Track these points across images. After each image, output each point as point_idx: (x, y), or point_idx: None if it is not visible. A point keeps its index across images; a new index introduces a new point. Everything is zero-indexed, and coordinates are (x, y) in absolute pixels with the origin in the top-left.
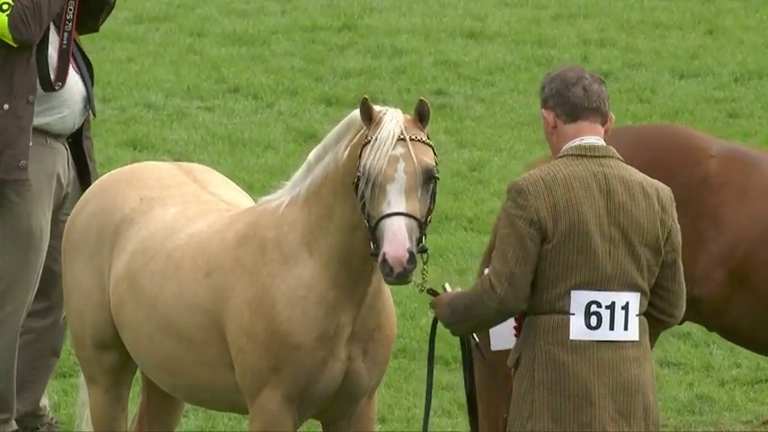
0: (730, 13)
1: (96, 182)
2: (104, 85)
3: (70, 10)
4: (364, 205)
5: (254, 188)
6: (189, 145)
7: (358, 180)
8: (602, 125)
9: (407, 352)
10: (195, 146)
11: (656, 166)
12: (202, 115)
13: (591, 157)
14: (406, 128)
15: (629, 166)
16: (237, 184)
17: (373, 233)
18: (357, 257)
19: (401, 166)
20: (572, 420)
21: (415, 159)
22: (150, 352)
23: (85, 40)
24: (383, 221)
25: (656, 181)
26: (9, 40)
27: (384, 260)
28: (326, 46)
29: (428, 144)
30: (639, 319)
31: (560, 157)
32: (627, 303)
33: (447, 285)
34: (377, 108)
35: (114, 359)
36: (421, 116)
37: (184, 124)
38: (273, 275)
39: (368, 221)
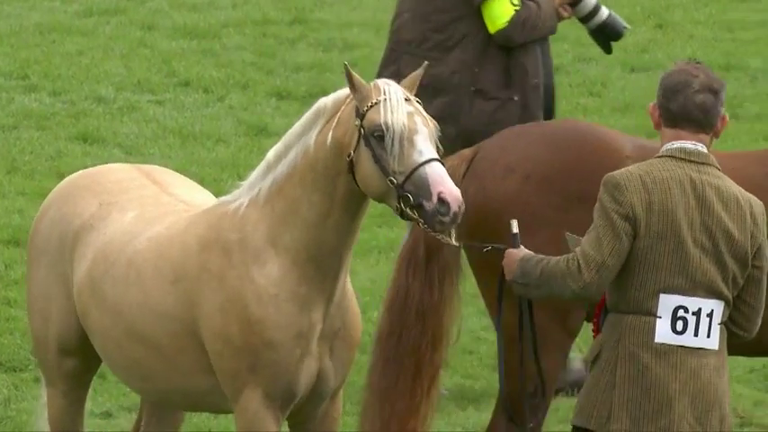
0: (680, 7)
1: (57, 187)
2: (54, 78)
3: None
4: (383, 167)
5: (206, 182)
6: (139, 138)
7: (368, 143)
8: (707, 132)
9: (359, 346)
10: (146, 139)
11: (572, 169)
12: (153, 109)
13: (689, 161)
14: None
15: (726, 177)
16: (188, 177)
17: (406, 186)
18: (326, 250)
19: (418, 119)
20: (650, 423)
21: (425, 115)
22: (119, 357)
23: (33, 34)
24: (422, 169)
25: (750, 194)
26: (494, 27)
27: (441, 200)
28: (277, 40)
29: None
30: (721, 328)
31: (659, 156)
32: (712, 311)
33: (514, 223)
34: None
35: (75, 364)
36: (413, 80)
37: (135, 118)
38: (242, 277)
39: (395, 178)
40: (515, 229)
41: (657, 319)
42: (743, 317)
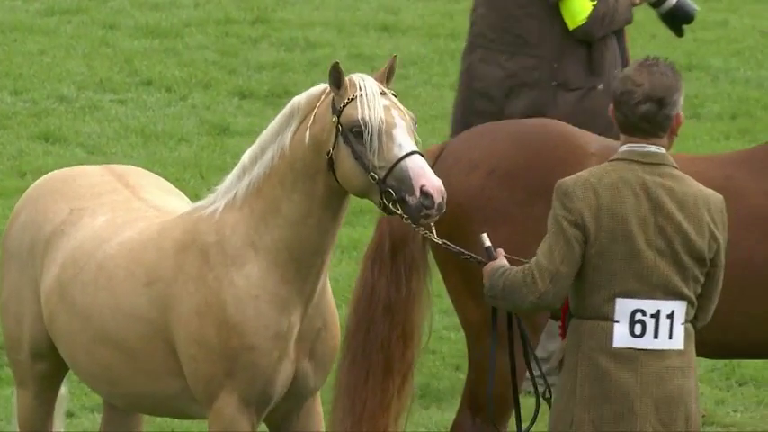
0: (642, 7)
1: (29, 190)
2: (16, 77)
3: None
4: (363, 163)
5: (168, 181)
6: (102, 138)
7: (347, 140)
8: (659, 136)
9: None
10: (108, 139)
11: (535, 165)
12: (115, 108)
13: (642, 164)
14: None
15: (685, 176)
16: None
17: (388, 181)
18: (308, 249)
19: (395, 113)
20: (613, 428)
21: (402, 107)
22: (87, 363)
23: None
24: (403, 162)
25: (710, 191)
26: (574, 23)
27: (424, 193)
28: (240, 39)
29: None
30: (685, 328)
31: (612, 160)
32: (672, 312)
33: (485, 237)
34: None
35: (47, 367)
36: (391, 72)
37: (97, 117)
38: (220, 279)
39: (376, 173)
40: (487, 243)
41: (615, 324)
42: (698, 308)
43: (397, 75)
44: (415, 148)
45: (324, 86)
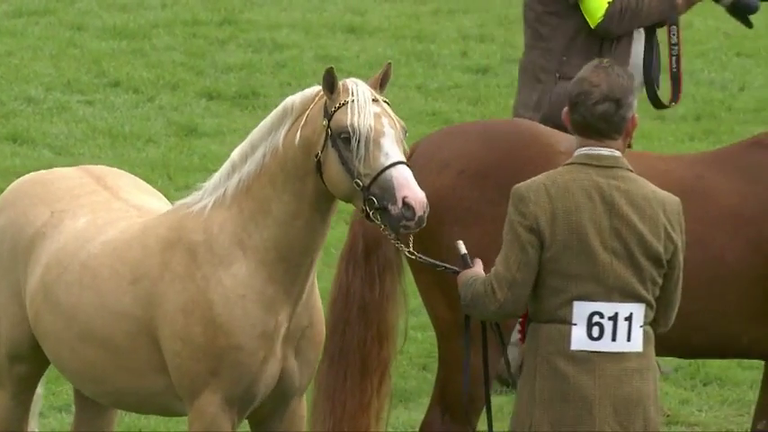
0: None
1: (5, 194)
2: None
3: (674, 35)
4: (349, 169)
5: None
6: (69, 139)
7: (335, 144)
8: (614, 138)
9: None
10: (76, 140)
11: (506, 164)
12: (83, 109)
13: (597, 167)
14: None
15: (639, 178)
16: None
17: (372, 189)
18: (296, 250)
19: (385, 121)
20: (571, 430)
21: (393, 116)
22: (72, 361)
23: None
24: (388, 172)
25: (666, 194)
26: (593, 21)
27: (406, 204)
28: (207, 40)
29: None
30: (644, 330)
31: (567, 164)
32: (630, 314)
33: (461, 244)
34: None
35: (26, 369)
36: (385, 79)
37: (65, 118)
38: (208, 278)
39: (361, 180)
40: (463, 250)
41: (573, 327)
42: (658, 312)
43: (363, 76)
44: (402, 159)
45: (318, 88)
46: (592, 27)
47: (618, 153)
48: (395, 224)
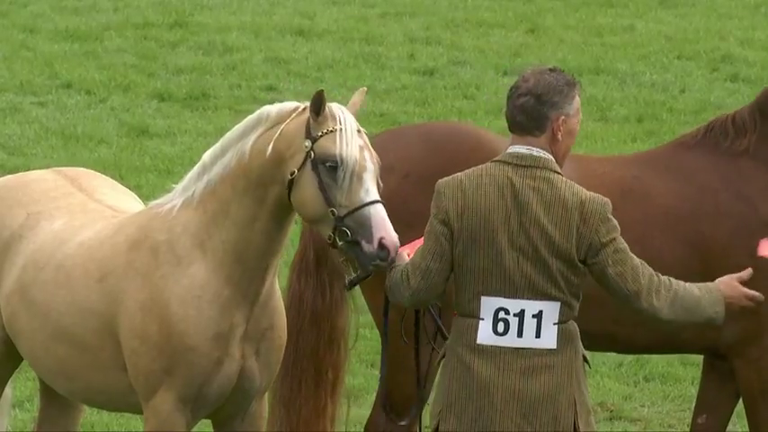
0: (551, 12)
1: None
2: None
3: None
4: (328, 197)
5: None
6: (22, 139)
7: (316, 169)
8: (536, 135)
9: None
10: (28, 140)
11: (450, 169)
12: (35, 110)
13: (515, 165)
14: None
15: (560, 178)
16: None
17: (347, 221)
18: (253, 253)
19: (367, 155)
20: (474, 423)
21: (372, 150)
22: (46, 359)
23: None
24: (366, 209)
25: (591, 195)
26: None
27: (381, 245)
28: (158, 42)
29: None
30: (560, 328)
31: (492, 161)
32: (540, 312)
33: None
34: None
35: None
36: (356, 108)
37: (17, 119)
38: (166, 277)
39: (337, 210)
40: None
41: (480, 321)
42: (618, 284)
43: (313, 78)
44: (378, 198)
45: (296, 104)
46: None
47: (541, 153)
48: (366, 262)
